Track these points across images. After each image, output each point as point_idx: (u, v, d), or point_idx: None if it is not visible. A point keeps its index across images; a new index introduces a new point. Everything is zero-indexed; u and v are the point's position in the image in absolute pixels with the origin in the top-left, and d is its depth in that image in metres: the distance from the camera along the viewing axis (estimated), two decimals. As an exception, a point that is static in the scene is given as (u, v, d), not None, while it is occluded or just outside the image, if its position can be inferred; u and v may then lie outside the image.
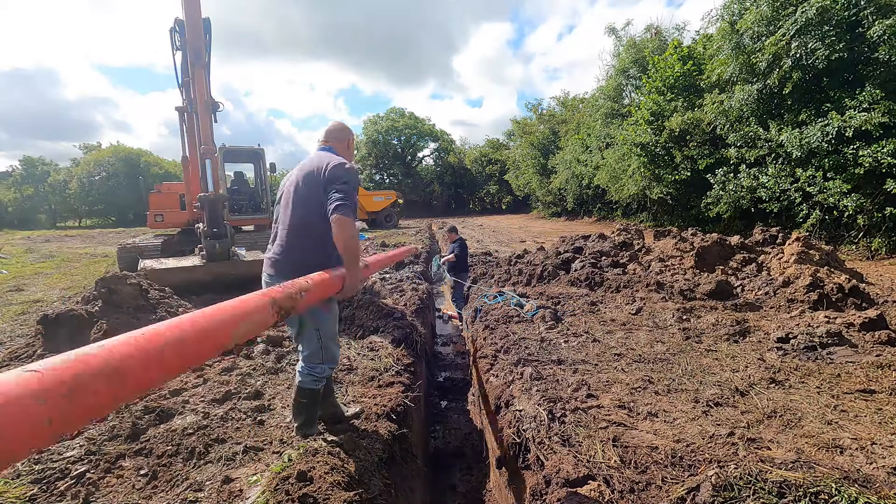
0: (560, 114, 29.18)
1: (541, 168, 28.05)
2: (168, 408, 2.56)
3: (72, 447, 2.16)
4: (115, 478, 1.95)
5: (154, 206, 9.04)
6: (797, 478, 1.43)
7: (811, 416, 2.01)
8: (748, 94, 10.04)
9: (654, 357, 2.84)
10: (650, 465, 1.65)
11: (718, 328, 3.35)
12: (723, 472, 1.49)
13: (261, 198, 10.58)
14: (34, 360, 3.02)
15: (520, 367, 2.75)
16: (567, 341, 3.23)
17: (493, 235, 15.68)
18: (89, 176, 34.36)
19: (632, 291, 4.61)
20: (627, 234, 8.25)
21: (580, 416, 2.06)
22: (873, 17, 7.74)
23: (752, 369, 2.57)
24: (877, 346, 2.86)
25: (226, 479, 1.93)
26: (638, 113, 14.39)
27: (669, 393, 2.31)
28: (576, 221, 23.25)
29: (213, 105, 5.75)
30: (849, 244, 8.46)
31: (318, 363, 2.09)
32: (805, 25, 8.41)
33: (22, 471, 1.95)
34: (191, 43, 5.60)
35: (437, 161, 44.97)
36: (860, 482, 1.43)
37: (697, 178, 12.56)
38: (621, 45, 19.09)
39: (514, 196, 35.36)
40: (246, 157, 11.22)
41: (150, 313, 3.60)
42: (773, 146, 9.74)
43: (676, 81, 13.56)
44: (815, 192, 8.64)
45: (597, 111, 20.15)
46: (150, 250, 7.64)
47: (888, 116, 7.49)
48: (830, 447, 1.75)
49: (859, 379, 2.40)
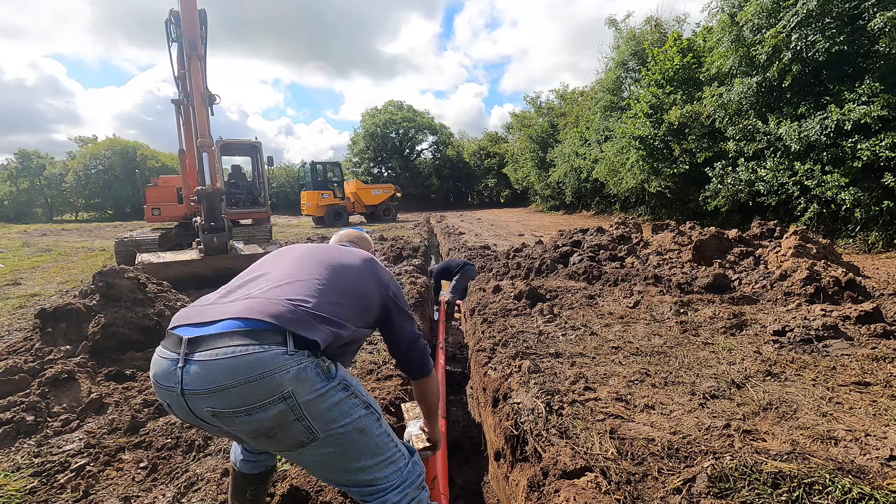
0: (559, 107, 29.04)
1: (539, 161, 27.97)
2: (167, 401, 2.56)
3: (71, 440, 2.17)
4: (115, 470, 1.96)
5: (151, 200, 9.00)
6: (792, 469, 1.45)
7: (806, 409, 2.03)
8: (747, 86, 10.00)
9: (651, 350, 2.86)
10: (647, 456, 1.66)
11: (715, 321, 3.37)
12: (718, 464, 1.50)
13: (258, 191, 10.54)
14: (32, 354, 3.02)
15: (518, 360, 2.76)
16: (565, 334, 3.24)
17: (491, 229, 15.67)
18: (85, 169, 34.15)
19: (630, 285, 4.62)
20: (625, 227, 8.26)
21: (577, 408, 2.07)
22: (874, 10, 7.70)
23: (749, 362, 2.59)
24: (872, 338, 2.88)
25: (225, 472, 1.94)
26: (637, 106, 14.33)
27: (666, 385, 2.33)
28: (574, 215, 23.24)
29: (210, 97, 5.70)
30: (846, 238, 8.49)
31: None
32: (806, 17, 8.35)
33: (22, 464, 1.95)
34: (187, 34, 5.55)
35: (435, 154, 44.80)
36: (854, 473, 1.45)
37: (696, 171, 12.54)
38: (621, 38, 18.96)
39: (513, 189, 35.30)
40: (243, 151, 11.17)
41: (148, 307, 3.59)
42: (771, 139, 9.72)
43: (676, 74, 13.48)
44: (813, 186, 8.65)
45: (596, 104, 20.05)
46: (147, 244, 7.62)
47: (887, 110, 7.48)
48: (825, 439, 1.76)
49: (854, 371, 2.42)
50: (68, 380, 2.66)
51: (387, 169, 43.90)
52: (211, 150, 5.86)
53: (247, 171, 11.83)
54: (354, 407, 1.18)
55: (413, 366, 1.52)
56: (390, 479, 1.22)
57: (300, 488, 1.84)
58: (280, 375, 1.04)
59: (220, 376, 1.02)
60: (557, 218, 22.24)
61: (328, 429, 1.12)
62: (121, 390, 2.68)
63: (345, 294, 1.31)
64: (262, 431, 1.08)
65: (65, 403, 2.49)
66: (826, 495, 1.35)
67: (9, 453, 2.04)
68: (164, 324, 3.57)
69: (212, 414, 1.05)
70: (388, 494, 1.20)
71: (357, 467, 1.18)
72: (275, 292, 1.20)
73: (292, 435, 1.10)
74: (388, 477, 1.22)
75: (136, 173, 13.14)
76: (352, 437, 1.16)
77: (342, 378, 1.19)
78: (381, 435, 1.23)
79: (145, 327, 3.38)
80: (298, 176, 30.28)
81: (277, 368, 1.04)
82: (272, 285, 1.24)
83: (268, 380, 1.03)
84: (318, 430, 1.11)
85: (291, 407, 1.06)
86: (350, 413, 1.16)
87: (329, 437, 1.13)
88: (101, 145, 36.11)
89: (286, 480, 1.89)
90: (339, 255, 1.47)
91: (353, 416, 1.17)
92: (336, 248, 1.55)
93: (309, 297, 1.20)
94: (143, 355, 3.18)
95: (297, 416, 1.07)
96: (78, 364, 2.84)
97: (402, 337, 1.49)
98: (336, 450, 1.15)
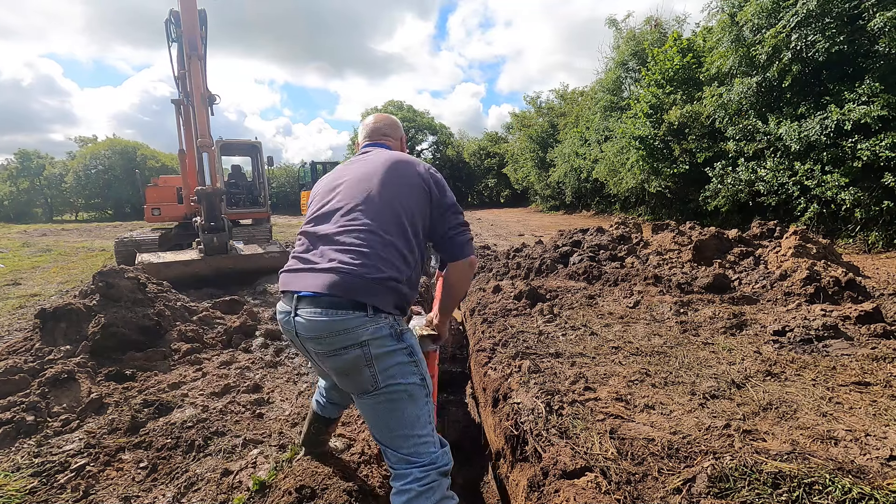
0: (559, 106, 29.02)
1: (539, 161, 27.94)
2: (167, 401, 2.56)
3: (71, 440, 2.17)
4: (115, 470, 1.96)
5: (151, 200, 9.00)
6: (792, 469, 1.45)
7: (806, 409, 2.03)
8: (747, 86, 10.00)
9: (651, 350, 2.86)
10: (647, 456, 1.66)
11: (715, 321, 3.37)
12: (718, 464, 1.50)
13: (258, 191, 10.53)
14: (32, 354, 3.02)
15: (518, 360, 2.76)
16: (565, 334, 3.24)
17: (491, 229, 15.67)
18: (85, 169, 34.14)
19: (630, 285, 4.62)
20: (625, 227, 8.26)
21: (577, 408, 2.07)
22: (874, 10, 7.70)
23: (749, 362, 2.59)
24: (872, 338, 2.88)
25: (225, 471, 1.94)
26: (637, 106, 14.33)
27: (666, 385, 2.32)
28: (574, 215, 23.23)
29: (210, 97, 5.70)
30: (846, 238, 8.49)
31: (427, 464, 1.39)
32: (806, 17, 8.35)
33: (22, 464, 1.95)
34: (187, 35, 5.55)
35: (435, 154, 44.78)
36: (854, 473, 1.45)
37: (696, 171, 12.53)
38: (621, 38, 18.95)
39: (513, 189, 35.25)
40: (243, 151, 11.16)
41: (148, 307, 3.59)
42: (771, 139, 9.72)
43: (676, 74, 13.48)
44: (813, 186, 8.65)
45: (596, 104, 20.04)
46: (147, 244, 7.62)
47: (887, 110, 7.48)
48: (825, 439, 1.76)
49: (854, 371, 2.42)
50: (68, 380, 2.66)
51: (387, 169, 43.86)
52: (211, 150, 5.86)
53: (247, 171, 11.83)
54: (412, 373, 1.41)
55: (453, 245, 1.57)
56: (421, 456, 1.38)
57: (306, 485, 1.85)
58: (360, 331, 1.33)
59: (318, 329, 1.34)
60: (557, 218, 22.24)
61: (387, 383, 1.36)
62: (121, 390, 2.68)
63: (400, 225, 1.46)
64: (343, 370, 1.38)
65: (65, 403, 2.49)
66: (826, 495, 1.35)
67: (9, 453, 2.04)
68: (164, 324, 3.57)
69: (315, 352, 1.40)
70: (413, 469, 1.36)
71: (399, 434, 1.38)
72: (350, 259, 1.38)
73: (362, 379, 1.36)
74: (419, 453, 1.38)
75: (136, 173, 13.14)
76: (403, 398, 1.38)
77: (410, 345, 1.43)
78: (424, 411, 1.42)
79: (145, 327, 3.38)
80: (298, 176, 30.26)
81: (359, 326, 1.33)
82: (345, 246, 1.41)
83: (352, 333, 1.33)
84: (381, 381, 1.35)
85: (365, 354, 1.33)
86: (407, 376, 1.39)
87: (386, 390, 1.36)
88: (101, 145, 36.08)
89: (294, 478, 1.89)
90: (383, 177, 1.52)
91: (410, 381, 1.39)
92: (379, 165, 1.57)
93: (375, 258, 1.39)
94: (143, 355, 3.17)
95: (368, 363, 1.34)
96: (78, 364, 2.84)
97: (448, 218, 1.57)
98: (388, 406, 1.37)
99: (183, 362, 3.23)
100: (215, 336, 3.78)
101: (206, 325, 4.01)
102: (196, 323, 3.94)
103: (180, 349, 3.38)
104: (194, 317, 4.05)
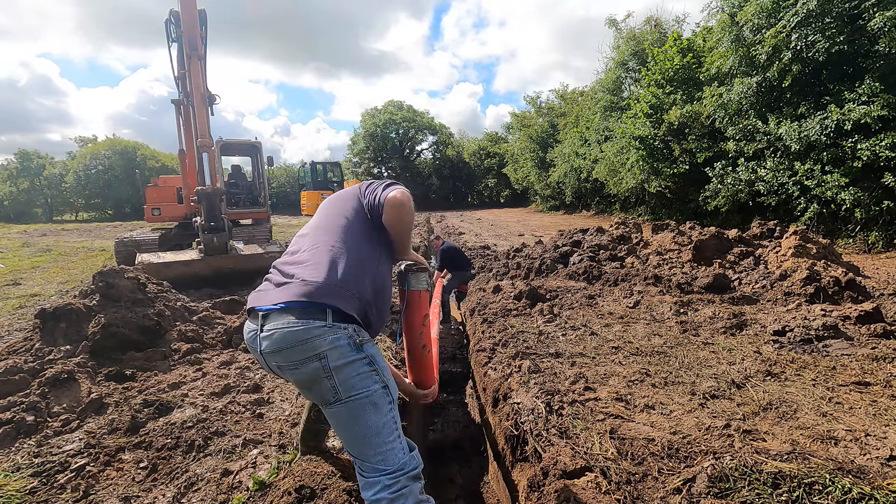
0: (559, 106, 29.03)
1: (539, 161, 27.95)
2: (167, 401, 2.56)
3: (71, 440, 2.17)
4: (115, 470, 1.96)
5: (151, 200, 8.99)
6: (792, 469, 1.45)
7: (806, 409, 2.03)
8: (747, 86, 10.00)
9: (651, 350, 2.85)
10: (647, 456, 1.66)
11: (715, 321, 3.37)
12: (718, 464, 1.50)
13: (258, 191, 10.53)
14: (32, 354, 3.02)
15: (518, 360, 2.76)
16: (565, 334, 3.24)
17: (491, 229, 15.67)
18: (85, 169, 34.15)
19: (629, 285, 4.62)
20: (625, 227, 8.26)
21: (578, 408, 2.07)
22: (874, 10, 7.70)
23: (749, 362, 2.59)
24: (872, 338, 2.88)
25: (225, 471, 1.94)
26: (637, 106, 14.33)
27: (666, 385, 2.32)
28: (574, 215, 23.23)
29: (210, 97, 5.70)
30: (846, 238, 8.49)
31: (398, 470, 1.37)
32: (806, 17, 8.35)
33: (22, 464, 1.95)
34: (187, 35, 5.55)
35: (435, 154, 44.80)
36: (854, 473, 1.45)
37: (696, 171, 12.53)
38: (621, 38, 18.96)
39: (513, 189, 35.27)
40: (243, 151, 11.15)
41: (148, 307, 3.59)
42: (771, 139, 9.72)
43: (676, 74, 13.48)
44: (813, 186, 8.64)
45: (595, 104, 20.05)
46: (147, 244, 7.61)
47: (887, 110, 7.47)
48: (825, 439, 1.76)
49: (854, 371, 2.42)
50: (68, 380, 2.65)
51: (387, 169, 43.88)
52: (211, 151, 5.86)
53: (247, 171, 11.81)
54: (374, 381, 1.39)
55: (375, 201, 1.57)
56: (388, 463, 1.37)
57: (306, 485, 1.84)
58: (318, 342, 1.33)
59: (278, 342, 1.35)
60: (557, 218, 22.24)
61: (349, 394, 1.35)
62: (121, 390, 2.68)
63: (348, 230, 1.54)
64: (304, 383, 1.39)
65: (65, 403, 2.49)
66: (826, 495, 1.35)
67: (9, 453, 2.04)
68: (164, 324, 3.57)
69: (277, 366, 1.39)
70: (381, 477, 1.35)
71: (365, 443, 1.37)
72: (311, 271, 1.43)
73: (323, 391, 1.36)
74: (386, 461, 1.37)
75: (136, 173, 13.13)
76: (366, 407, 1.37)
77: (370, 354, 1.41)
78: (389, 418, 1.40)
79: (145, 327, 3.38)
80: (298, 176, 30.28)
81: (317, 337, 1.33)
82: (305, 262, 1.48)
83: (309, 344, 1.33)
84: (342, 392, 1.35)
85: (324, 366, 1.33)
86: (369, 385, 1.37)
87: (349, 400, 1.35)
88: (101, 145, 36.09)
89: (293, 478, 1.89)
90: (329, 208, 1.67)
91: (372, 390, 1.38)
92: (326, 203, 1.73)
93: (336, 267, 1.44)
94: (143, 355, 3.17)
95: (327, 375, 1.34)
96: (78, 364, 2.84)
97: (367, 194, 1.61)
98: (352, 415, 1.36)
99: (183, 362, 3.23)
100: (215, 336, 3.78)
101: (206, 325, 4.01)
102: (196, 323, 3.94)
103: (180, 349, 3.38)
104: (194, 317, 4.05)
